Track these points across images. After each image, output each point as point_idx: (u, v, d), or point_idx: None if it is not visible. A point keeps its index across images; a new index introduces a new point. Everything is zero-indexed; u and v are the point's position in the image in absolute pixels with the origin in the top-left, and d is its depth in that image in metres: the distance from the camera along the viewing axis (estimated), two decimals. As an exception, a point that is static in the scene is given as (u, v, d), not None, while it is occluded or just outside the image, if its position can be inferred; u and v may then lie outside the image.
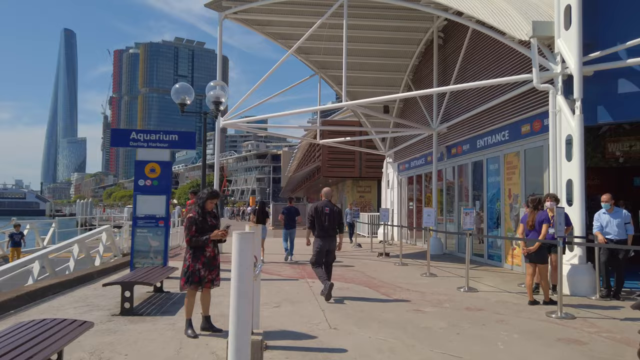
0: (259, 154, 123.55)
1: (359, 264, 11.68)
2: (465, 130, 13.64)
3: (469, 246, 8.49)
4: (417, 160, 18.20)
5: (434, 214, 9.97)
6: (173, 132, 9.21)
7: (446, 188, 15.59)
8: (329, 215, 7.31)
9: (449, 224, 15.34)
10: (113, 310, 6.02)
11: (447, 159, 15.23)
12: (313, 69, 18.14)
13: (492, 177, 12.23)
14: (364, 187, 30.52)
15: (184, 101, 11.83)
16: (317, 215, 7.30)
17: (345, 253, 14.59)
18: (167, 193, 9.05)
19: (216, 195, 5.23)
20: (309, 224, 7.48)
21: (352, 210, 18.82)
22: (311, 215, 7.37)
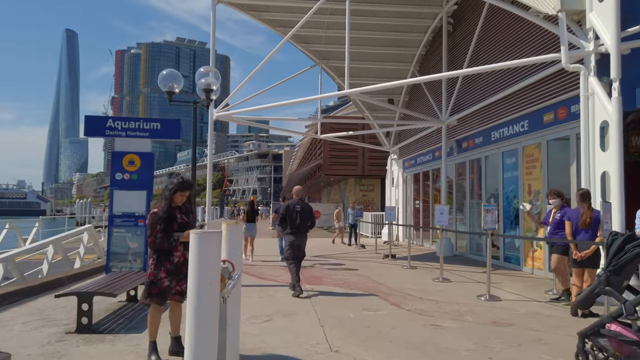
0: (260, 154, 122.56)
1: (364, 267, 10.65)
2: (478, 121, 12.59)
3: (489, 248, 7.44)
4: (423, 156, 17.15)
5: (447, 212, 8.93)
6: (155, 120, 8.20)
7: (456, 185, 14.53)
8: (300, 212, 7.53)
9: (459, 224, 14.28)
10: (70, 326, 5.00)
11: (458, 153, 14.18)
12: (314, 59, 17.12)
13: (509, 172, 11.18)
14: (366, 185, 29.49)
15: (171, 89, 10.78)
16: (289, 213, 7.52)
17: (348, 255, 13.56)
18: (148, 188, 8.04)
19: (187, 186, 4.21)
20: (280, 221, 7.68)
21: (355, 210, 17.65)
22: (283, 213, 7.58)
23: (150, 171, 8.09)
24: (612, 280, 3.19)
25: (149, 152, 8.14)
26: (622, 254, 3.18)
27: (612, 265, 3.20)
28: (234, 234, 3.49)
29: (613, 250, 3.27)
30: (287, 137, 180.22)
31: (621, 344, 2.98)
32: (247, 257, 11.87)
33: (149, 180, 8.06)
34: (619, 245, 3.25)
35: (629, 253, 3.16)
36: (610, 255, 3.28)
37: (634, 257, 3.16)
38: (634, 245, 3.21)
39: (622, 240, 3.27)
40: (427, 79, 11.11)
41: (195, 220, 4.37)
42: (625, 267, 3.19)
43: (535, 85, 9.74)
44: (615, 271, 3.18)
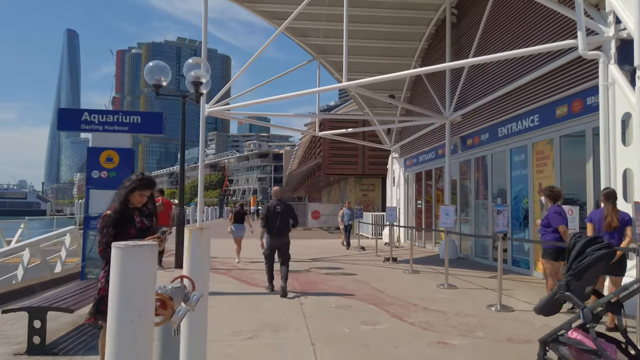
0: (260, 153, 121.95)
1: (363, 272, 9.98)
2: (484, 117, 11.91)
3: (501, 254, 6.77)
4: (426, 154, 16.48)
5: (452, 212, 8.25)
6: (135, 113, 7.53)
7: (460, 184, 13.86)
8: (280, 213, 7.62)
9: (463, 225, 13.61)
10: (22, 346, 4.35)
11: (462, 151, 13.50)
12: (312, 53, 16.46)
13: (518, 170, 10.50)
14: (367, 185, 28.81)
15: (159, 82, 10.18)
16: (269, 213, 7.63)
17: (347, 258, 12.90)
18: (127, 187, 7.36)
19: (148, 184, 3.56)
20: (263, 223, 7.75)
21: (354, 210, 16.90)
22: (264, 214, 7.72)
23: (130, 169, 7.43)
24: (573, 285, 3.01)
25: (129, 148, 7.47)
26: (583, 258, 3.00)
27: (572, 269, 3.03)
28: (198, 242, 2.83)
29: (574, 254, 3.08)
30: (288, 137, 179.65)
31: (580, 352, 2.84)
32: (239, 261, 11.62)
33: (127, 175, 7.39)
34: (580, 248, 3.05)
35: (589, 257, 2.97)
36: (571, 258, 3.09)
37: (594, 261, 2.96)
38: (594, 249, 3.01)
39: (583, 243, 3.06)
40: (431, 70, 10.44)
41: (155, 224, 3.71)
42: (586, 271, 2.99)
43: (547, 76, 9.06)
44: (575, 275, 3.00)
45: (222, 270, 9.97)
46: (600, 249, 3.00)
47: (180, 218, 10.34)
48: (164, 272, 9.28)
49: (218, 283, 8.31)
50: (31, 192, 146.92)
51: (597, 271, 3.10)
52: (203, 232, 2.88)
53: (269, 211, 7.70)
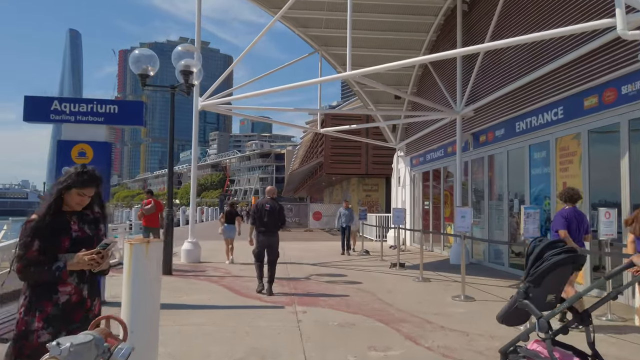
0: (262, 153, 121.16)
1: (368, 280, 9.09)
2: (500, 111, 11.01)
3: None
4: (434, 152, 15.58)
5: (470, 215, 7.34)
6: (111, 102, 6.68)
7: (472, 184, 12.96)
8: (269, 211, 7.59)
9: (475, 228, 12.69)
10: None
11: (474, 148, 12.60)
12: (313, 45, 15.58)
13: (538, 169, 9.60)
14: (370, 185, 27.94)
15: (145, 72, 9.34)
16: (258, 211, 7.63)
17: (351, 263, 12.00)
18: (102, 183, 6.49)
19: (90, 180, 2.66)
20: (252, 221, 7.82)
21: (352, 211, 15.13)
22: (254, 212, 7.75)
23: (106, 165, 6.57)
24: (532, 292, 2.82)
25: (105, 141, 6.62)
26: (540, 263, 2.81)
27: (530, 275, 2.84)
28: (142, 262, 1.95)
29: (532, 259, 2.88)
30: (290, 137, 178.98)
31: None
32: (229, 261, 11.38)
33: (103, 172, 6.52)
34: (538, 253, 2.86)
35: (546, 262, 2.78)
36: (529, 264, 2.88)
37: (551, 266, 2.76)
38: (552, 254, 2.81)
39: (542, 246, 2.86)
40: (442, 56, 9.52)
41: (103, 234, 2.80)
42: (545, 277, 2.78)
43: (574, 63, 8.16)
44: (534, 282, 2.81)
45: (214, 278, 9.10)
46: (560, 254, 2.78)
47: (169, 220, 9.46)
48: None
49: (208, 293, 7.44)
50: (32, 192, 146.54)
51: (559, 278, 2.88)
52: (150, 248, 1.99)
53: (257, 209, 7.72)
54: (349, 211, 14.57)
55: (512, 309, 2.91)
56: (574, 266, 2.89)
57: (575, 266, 2.89)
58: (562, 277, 2.91)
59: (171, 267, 9.35)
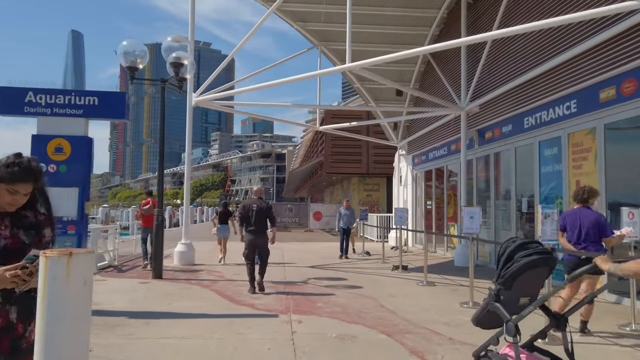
0: (263, 153, 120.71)
1: (369, 283, 8.59)
2: (507, 106, 10.50)
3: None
4: (437, 150, 15.07)
5: (479, 216, 6.83)
6: (91, 93, 6.19)
7: (477, 183, 12.44)
8: (256, 211, 7.69)
9: (482, 228, 12.18)
10: None
11: (479, 145, 12.09)
12: (312, 40, 15.08)
13: (549, 166, 9.09)
14: (371, 184, 27.43)
15: (134, 64, 8.86)
16: (246, 212, 7.73)
17: (351, 265, 11.50)
18: (81, 184, 6.04)
19: (24, 173, 2.14)
20: (240, 221, 7.92)
21: (354, 211, 14.19)
22: (241, 212, 7.86)
23: (85, 162, 6.09)
24: (503, 294, 2.73)
25: (84, 135, 6.13)
26: (511, 264, 2.72)
27: (500, 277, 2.75)
28: (61, 286, 1.44)
29: (503, 260, 2.79)
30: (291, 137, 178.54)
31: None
32: (221, 260, 11.29)
33: (83, 173, 6.05)
34: (509, 254, 2.77)
35: (516, 263, 2.69)
36: (500, 265, 2.81)
37: (521, 268, 2.66)
38: (522, 255, 2.70)
39: (513, 247, 2.78)
40: (446, 46, 9.02)
41: (49, 241, 2.28)
42: (516, 279, 2.68)
43: (589, 52, 7.64)
44: (504, 284, 2.72)
45: (206, 282, 8.60)
46: (531, 255, 2.68)
47: (159, 221, 8.97)
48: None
49: (197, 300, 6.95)
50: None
51: (533, 280, 2.78)
52: (75, 263, 1.48)
53: (244, 208, 7.84)
54: (349, 211, 13.38)
55: (485, 312, 2.83)
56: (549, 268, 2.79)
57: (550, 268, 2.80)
58: (536, 280, 2.79)
59: (161, 270, 8.86)
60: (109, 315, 5.70)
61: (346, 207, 13.40)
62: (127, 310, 6.08)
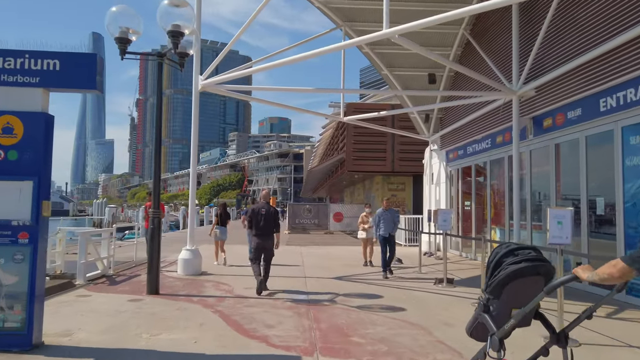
0: (280, 153, 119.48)
1: (412, 303, 6.90)
2: (575, 86, 8.67)
3: None
4: (477, 143, 13.26)
5: (569, 220, 5.04)
6: (51, 54, 4.64)
7: (532, 180, 10.61)
8: (264, 216, 7.89)
9: (535, 233, 10.37)
10: None
11: (535, 136, 10.26)
12: (336, 21, 13.41)
13: (636, 158, 7.25)
14: (396, 184, 25.61)
15: (125, 35, 7.36)
16: (254, 216, 7.95)
17: (379, 275, 9.78)
18: (37, 175, 4.51)
19: None
20: (249, 224, 8.20)
21: (396, 212, 10.74)
22: (249, 216, 8.14)
23: (43, 146, 4.55)
24: (492, 304, 2.55)
25: (42, 112, 4.60)
26: (498, 272, 2.54)
27: (489, 285, 2.56)
28: None
29: (492, 266, 2.59)
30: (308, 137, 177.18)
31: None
32: (219, 262, 11.10)
33: (40, 161, 4.52)
34: (498, 260, 2.58)
35: (503, 271, 2.50)
36: (489, 272, 2.60)
37: (509, 276, 2.46)
38: (510, 262, 2.50)
39: (503, 253, 2.58)
40: (502, 3, 7.27)
41: None
42: (504, 288, 2.49)
43: None
44: (492, 293, 2.53)
45: (210, 299, 7.02)
46: (519, 262, 2.48)
47: (154, 224, 7.41)
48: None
49: (195, 328, 5.36)
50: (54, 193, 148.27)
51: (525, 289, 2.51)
52: None
53: (253, 212, 8.02)
54: (391, 213, 10.29)
55: (476, 322, 2.68)
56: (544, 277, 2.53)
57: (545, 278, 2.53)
58: (529, 289, 2.53)
59: (158, 284, 7.31)
60: (61, 356, 4.17)
61: (386, 208, 10.31)
62: (93, 347, 4.53)
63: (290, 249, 15.45)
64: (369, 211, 11.38)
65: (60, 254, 9.44)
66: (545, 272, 2.56)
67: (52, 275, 8.90)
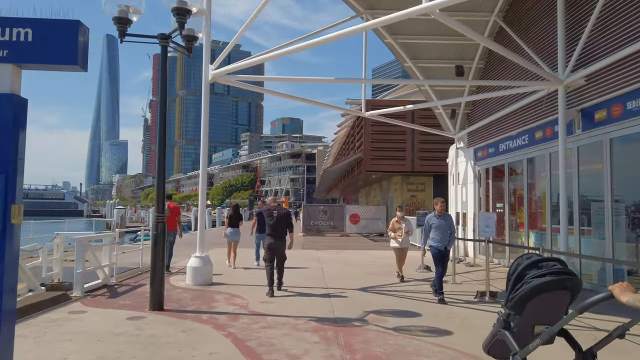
0: (293, 153, 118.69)
1: (457, 324, 5.89)
2: (637, 73, 7.56)
3: None
4: (512, 140, 12.16)
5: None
6: (22, 21, 3.73)
7: (579, 180, 9.49)
8: (276, 217, 7.95)
9: (584, 240, 9.26)
10: None
11: (584, 130, 9.15)
12: (357, 8, 12.43)
13: None
14: (416, 184, 24.54)
15: (124, 15, 6.49)
16: (267, 218, 8.02)
17: (416, 288, 8.73)
18: (5, 172, 3.60)
19: None
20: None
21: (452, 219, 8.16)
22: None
23: (10, 136, 3.63)
24: (513, 320, 2.39)
25: (11, 93, 3.69)
26: (520, 286, 2.37)
27: (509, 300, 2.41)
28: None
29: (513, 280, 2.42)
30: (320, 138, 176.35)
31: None
32: (230, 264, 11.06)
33: (6, 154, 3.60)
34: (520, 272, 2.40)
35: (525, 285, 2.33)
36: (510, 286, 2.43)
37: (532, 290, 2.28)
38: (534, 275, 2.32)
39: (524, 266, 2.40)
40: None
41: None
42: (527, 303, 2.31)
43: None
44: (514, 309, 2.37)
45: (222, 317, 6.06)
46: (544, 276, 2.30)
47: (157, 230, 6.47)
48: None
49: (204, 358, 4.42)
50: (69, 193, 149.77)
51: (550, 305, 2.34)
52: None
53: (266, 214, 8.06)
54: (446, 220, 7.79)
55: (494, 339, 2.55)
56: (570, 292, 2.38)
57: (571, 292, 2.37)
58: (554, 305, 2.34)
59: (162, 298, 6.39)
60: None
61: (439, 213, 7.82)
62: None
63: (306, 253, 14.49)
64: (402, 215, 9.75)
65: (58, 261, 8.61)
66: (572, 287, 2.40)
67: (49, 285, 8.06)
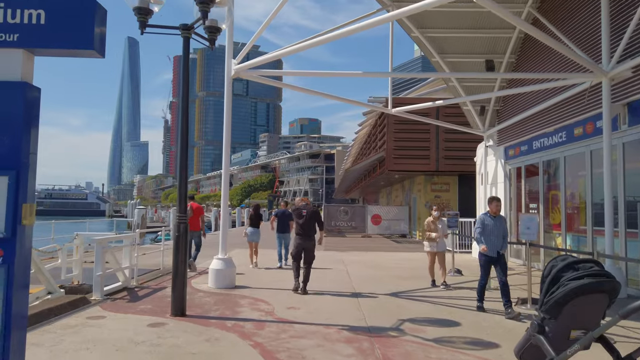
0: (311, 154, 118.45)
1: (498, 332, 5.40)
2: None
3: None
4: (547, 137, 11.53)
5: None
6: (31, 2, 3.40)
7: (624, 179, 8.85)
8: (306, 216, 8.08)
9: (630, 242, 8.62)
10: None
11: (630, 125, 8.52)
12: (382, 0, 11.98)
13: None
14: (440, 184, 23.84)
15: (145, 5, 6.19)
16: (296, 216, 8.20)
17: (450, 294, 8.22)
18: (15, 168, 3.28)
19: None
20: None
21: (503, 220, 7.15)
22: (292, 215, 8.67)
23: (24, 128, 3.30)
24: (548, 325, 2.29)
25: (22, 81, 3.37)
26: (556, 289, 2.27)
27: (544, 303, 2.30)
28: None
29: (547, 282, 2.33)
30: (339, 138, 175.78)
31: None
32: (253, 265, 11.08)
33: (17, 149, 3.28)
34: (554, 275, 2.31)
35: (562, 287, 2.24)
36: (544, 289, 2.34)
37: (568, 293, 2.19)
38: (570, 278, 2.23)
39: (560, 267, 2.32)
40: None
41: None
42: (563, 307, 2.20)
43: None
44: (549, 312, 2.27)
45: (247, 326, 5.69)
46: (582, 278, 2.20)
47: (179, 232, 6.14)
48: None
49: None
50: (91, 193, 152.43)
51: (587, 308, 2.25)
52: None
53: (295, 213, 8.20)
54: (500, 222, 6.87)
55: (527, 344, 2.40)
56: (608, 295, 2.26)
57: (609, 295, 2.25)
58: (592, 308, 2.25)
59: (184, 304, 6.06)
60: None
61: (494, 213, 6.90)
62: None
63: (329, 255, 14.08)
64: (437, 215, 8.99)
65: (78, 263, 8.38)
66: (611, 289, 2.31)
67: (69, 288, 7.82)
